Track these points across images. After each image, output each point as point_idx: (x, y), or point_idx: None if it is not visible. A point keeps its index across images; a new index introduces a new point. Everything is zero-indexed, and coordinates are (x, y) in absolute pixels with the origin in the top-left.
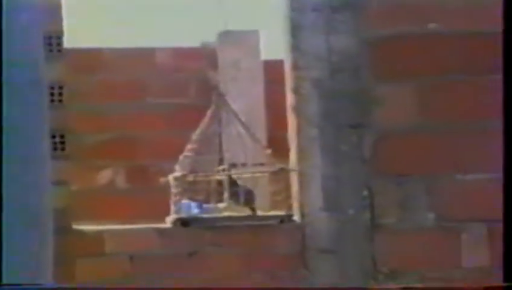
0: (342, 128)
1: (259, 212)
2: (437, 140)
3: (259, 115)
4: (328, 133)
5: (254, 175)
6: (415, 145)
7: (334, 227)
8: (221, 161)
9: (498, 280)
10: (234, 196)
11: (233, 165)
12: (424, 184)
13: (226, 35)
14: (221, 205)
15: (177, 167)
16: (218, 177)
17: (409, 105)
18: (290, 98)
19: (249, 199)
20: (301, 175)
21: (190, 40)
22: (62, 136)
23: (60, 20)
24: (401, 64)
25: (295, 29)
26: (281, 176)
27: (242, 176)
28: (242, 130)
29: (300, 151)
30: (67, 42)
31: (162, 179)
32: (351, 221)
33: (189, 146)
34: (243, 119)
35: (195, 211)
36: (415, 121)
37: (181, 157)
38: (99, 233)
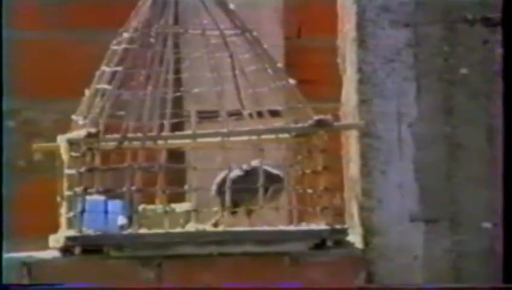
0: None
1: (266, 226)
2: None
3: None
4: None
5: (256, 139)
6: None
7: (446, 264)
8: (177, 103)
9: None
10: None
11: (206, 116)
12: None
13: None
14: (179, 208)
15: (77, 118)
16: (171, 143)
17: None
18: None
19: (244, 193)
20: (367, 138)
21: None
22: None
23: None
24: None
25: None
26: (318, 141)
27: (226, 141)
28: (227, 32)
29: (368, 88)
30: None
31: (35, 146)
32: (487, 251)
33: (105, 67)
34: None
35: (119, 220)
36: None
37: (87, 93)
38: None
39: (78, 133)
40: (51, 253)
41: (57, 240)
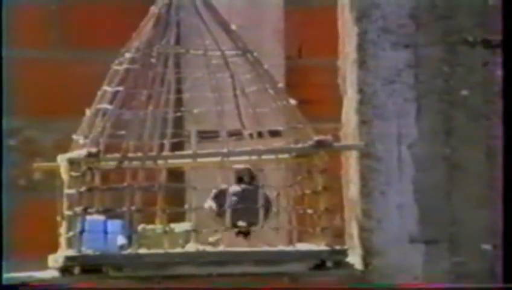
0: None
1: (266, 246)
2: None
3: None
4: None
5: (256, 159)
6: None
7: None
8: (178, 123)
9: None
10: (217, 203)
11: (206, 136)
12: None
13: None
14: (179, 228)
15: (78, 137)
16: (171, 163)
17: None
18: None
19: (250, 212)
20: (367, 159)
21: None
22: None
23: None
24: None
25: None
26: (318, 161)
27: (226, 161)
28: (229, 53)
29: (369, 109)
30: None
31: (36, 165)
32: (487, 273)
33: (106, 87)
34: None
35: (118, 240)
36: None
37: (88, 113)
38: None
39: (79, 153)
40: (50, 273)
41: (56, 259)
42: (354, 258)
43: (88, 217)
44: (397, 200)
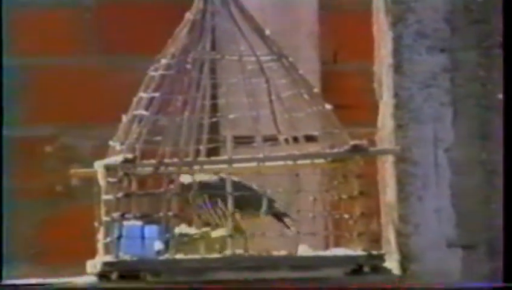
0: None
1: (304, 251)
2: None
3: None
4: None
5: (292, 164)
6: None
7: None
8: (213, 129)
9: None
10: (250, 208)
11: (242, 141)
12: None
13: None
14: (216, 233)
15: (114, 143)
16: (207, 169)
17: None
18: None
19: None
20: (403, 164)
21: None
22: None
23: None
24: None
25: None
26: (354, 166)
27: (262, 166)
28: (264, 58)
29: (405, 113)
30: None
31: (73, 172)
32: None
33: (142, 93)
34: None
35: (155, 246)
36: None
37: (124, 119)
38: None
39: (115, 159)
40: (88, 278)
41: (94, 265)
42: (392, 263)
43: (125, 223)
44: (434, 204)
